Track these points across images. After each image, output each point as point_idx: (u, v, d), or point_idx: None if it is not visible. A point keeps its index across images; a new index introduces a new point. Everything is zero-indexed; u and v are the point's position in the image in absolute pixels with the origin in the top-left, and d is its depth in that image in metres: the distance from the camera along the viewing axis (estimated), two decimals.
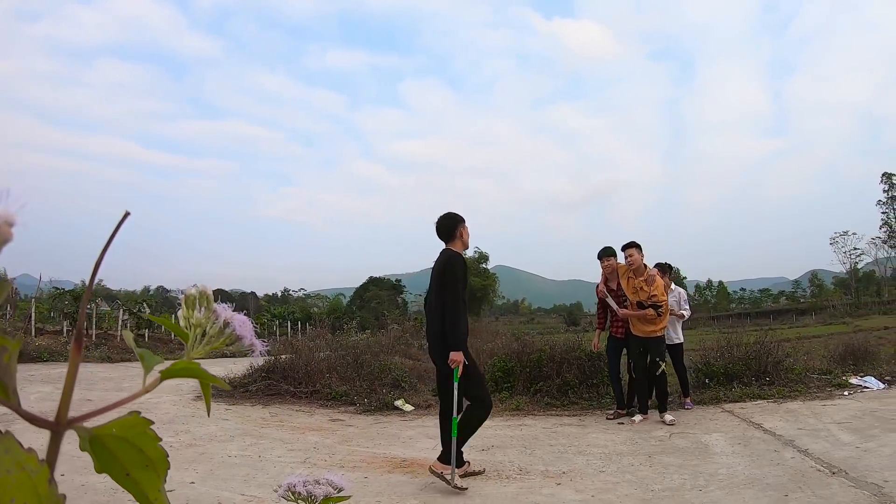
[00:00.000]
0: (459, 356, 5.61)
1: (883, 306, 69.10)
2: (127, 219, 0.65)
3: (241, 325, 0.76)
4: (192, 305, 0.76)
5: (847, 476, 5.35)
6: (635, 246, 8.48)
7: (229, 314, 0.76)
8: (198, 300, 0.76)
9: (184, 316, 0.76)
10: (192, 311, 0.75)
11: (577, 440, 7.37)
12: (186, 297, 0.76)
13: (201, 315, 0.75)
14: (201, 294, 0.76)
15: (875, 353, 12.61)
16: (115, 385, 11.69)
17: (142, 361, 0.68)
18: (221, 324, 0.75)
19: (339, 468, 6.09)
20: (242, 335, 0.76)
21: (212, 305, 0.76)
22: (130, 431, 0.60)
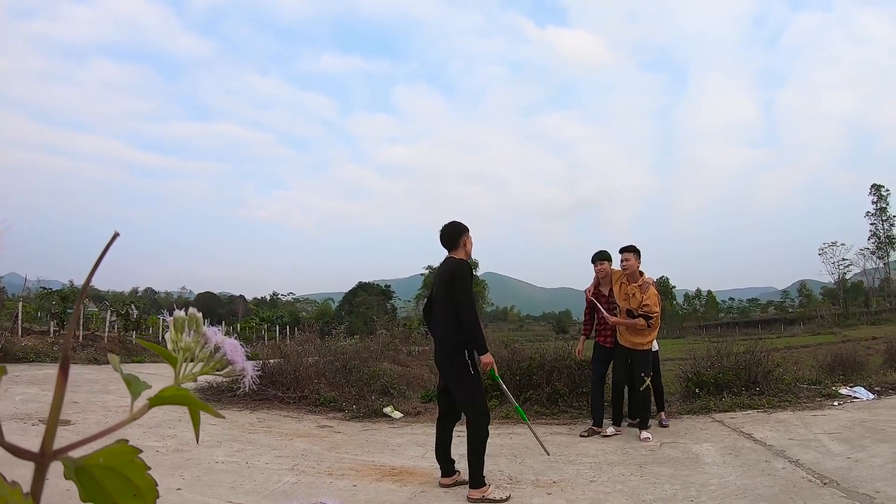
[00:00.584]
0: (489, 357, 5.78)
1: (871, 316, 69.61)
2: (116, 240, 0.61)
3: (232, 349, 0.73)
4: (181, 328, 0.72)
5: (838, 487, 5.34)
6: (633, 250, 8.32)
7: (220, 338, 0.73)
8: (187, 323, 0.72)
9: (172, 339, 0.72)
10: (181, 335, 0.72)
11: (568, 449, 7.33)
12: (175, 319, 0.73)
13: (190, 339, 0.71)
14: (190, 317, 0.73)
15: (864, 364, 12.62)
16: (102, 387, 11.57)
17: (128, 387, 0.65)
18: (212, 348, 0.72)
19: (327, 476, 6.04)
20: (234, 360, 0.72)
21: (201, 329, 0.72)
22: (118, 460, 0.56)
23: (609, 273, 8.53)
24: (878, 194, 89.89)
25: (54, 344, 19.91)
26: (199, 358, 0.71)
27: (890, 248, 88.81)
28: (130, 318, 29.06)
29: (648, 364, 8.18)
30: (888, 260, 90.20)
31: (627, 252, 8.31)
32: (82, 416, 8.48)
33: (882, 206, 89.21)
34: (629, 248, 8.34)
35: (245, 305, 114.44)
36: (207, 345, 0.71)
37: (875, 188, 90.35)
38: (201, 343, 0.71)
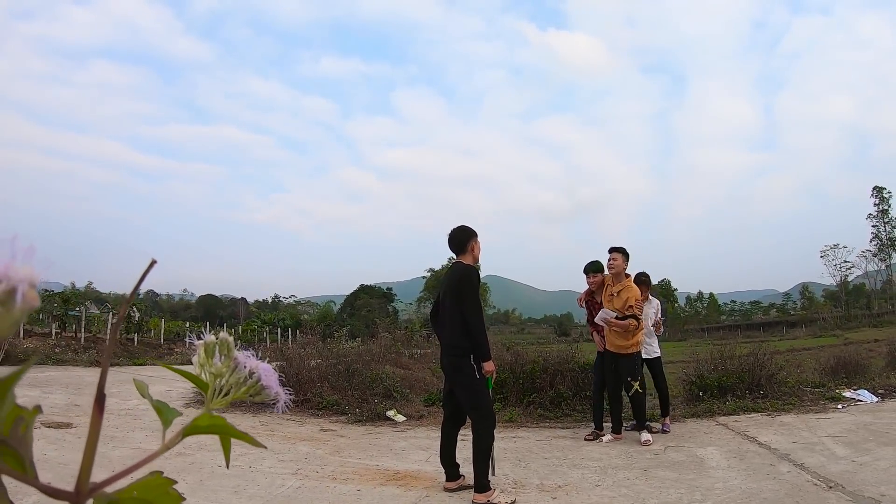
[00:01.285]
0: (491, 365, 5.77)
1: (873, 319, 69.42)
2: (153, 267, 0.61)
3: (266, 375, 0.71)
4: (211, 353, 0.70)
5: (844, 490, 5.32)
6: (621, 251, 8.25)
7: (253, 363, 0.71)
8: (218, 347, 0.71)
9: (200, 363, 0.71)
10: (211, 359, 0.70)
11: (572, 453, 7.31)
12: (205, 344, 0.71)
13: (220, 363, 0.70)
14: (221, 342, 0.71)
15: (866, 366, 12.60)
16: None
17: (159, 416, 0.63)
18: (246, 373, 0.70)
19: (330, 480, 6.02)
20: (269, 386, 0.71)
21: (232, 353, 0.71)
22: (152, 493, 0.56)
23: (602, 282, 8.48)
24: (879, 196, 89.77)
25: (56, 346, 19.92)
26: (230, 382, 0.69)
27: (892, 251, 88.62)
28: (132, 320, 29.06)
29: (635, 368, 8.04)
30: (890, 262, 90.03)
31: (615, 252, 8.25)
32: (84, 419, 8.45)
33: (884, 209, 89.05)
34: (617, 249, 8.26)
35: (246, 308, 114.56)
36: (239, 369, 0.69)
37: (877, 190, 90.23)
38: (232, 367, 0.69)
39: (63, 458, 6.15)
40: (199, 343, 0.72)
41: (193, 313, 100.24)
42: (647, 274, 9.11)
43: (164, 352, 27.62)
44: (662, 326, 9.18)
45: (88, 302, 34.31)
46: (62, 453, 6.33)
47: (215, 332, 0.72)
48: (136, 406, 9.67)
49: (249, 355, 0.71)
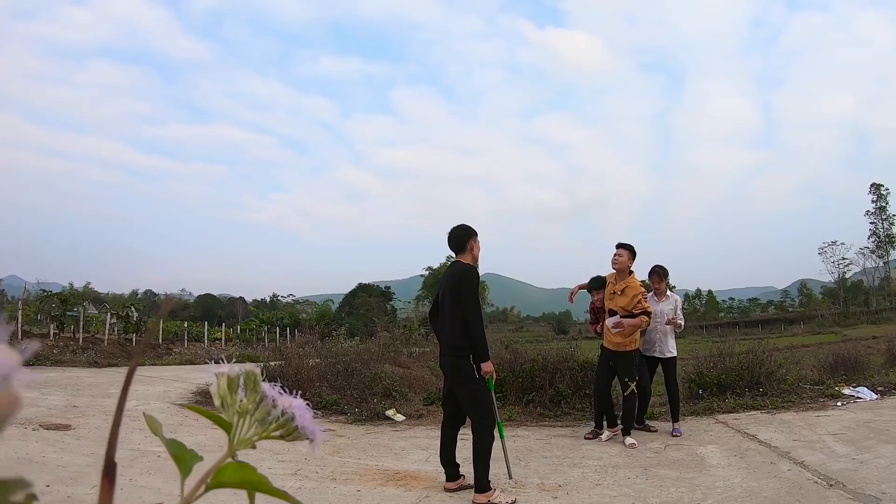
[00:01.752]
0: (490, 366, 5.75)
1: (871, 315, 69.61)
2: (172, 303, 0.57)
3: (301, 413, 0.66)
4: (235, 388, 0.66)
5: (845, 488, 5.32)
6: (626, 247, 8.05)
7: (286, 400, 0.66)
8: (242, 381, 0.66)
9: (219, 395, 0.66)
10: (235, 394, 0.65)
11: (572, 452, 7.30)
12: (229, 379, 0.67)
13: (245, 399, 0.65)
14: (248, 375, 0.67)
15: (865, 363, 12.63)
16: (102, 391, 11.54)
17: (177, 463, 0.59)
18: (279, 413, 0.66)
19: (330, 481, 6.01)
20: (304, 426, 0.67)
21: (259, 387, 0.66)
22: None
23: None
24: (877, 193, 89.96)
25: (54, 347, 19.89)
26: (255, 418, 0.65)
27: (890, 247, 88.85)
28: (130, 320, 28.99)
29: (632, 368, 7.89)
30: (888, 259, 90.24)
31: (621, 248, 8.05)
32: (83, 420, 8.45)
33: (882, 206, 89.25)
34: (624, 245, 8.08)
35: (245, 307, 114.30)
36: (265, 403, 0.65)
37: (875, 187, 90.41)
38: (257, 402, 0.65)
39: (62, 460, 6.13)
40: (219, 373, 0.67)
41: (192, 313, 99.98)
42: (663, 267, 8.81)
43: (163, 352, 27.61)
44: (682, 322, 8.67)
45: (87, 302, 34.23)
46: (61, 455, 6.31)
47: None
48: (135, 407, 9.65)
49: (278, 390, 0.66)
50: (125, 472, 5.39)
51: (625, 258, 7.93)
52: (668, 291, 8.78)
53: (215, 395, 0.65)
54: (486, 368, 5.71)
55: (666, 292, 8.72)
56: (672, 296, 8.77)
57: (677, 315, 8.55)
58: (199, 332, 40.06)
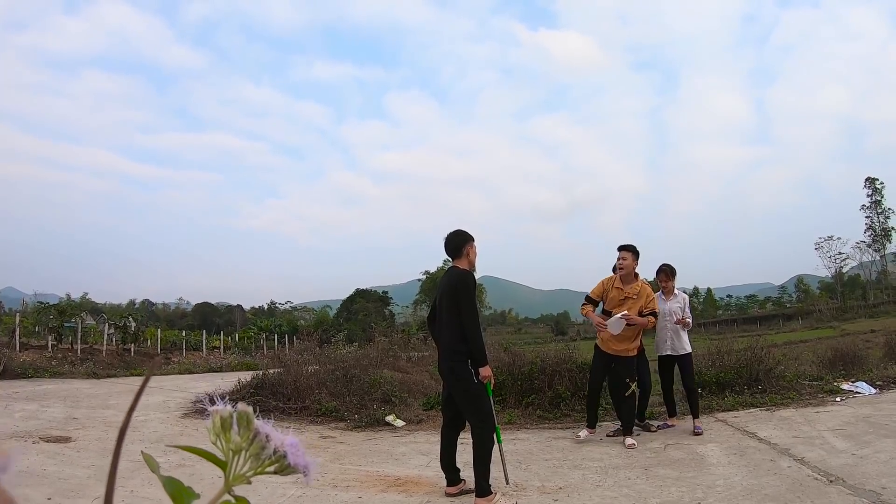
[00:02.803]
0: (488, 370, 5.76)
1: (869, 309, 69.63)
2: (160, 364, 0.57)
3: (293, 452, 0.67)
4: (228, 426, 0.67)
5: (845, 484, 5.33)
6: (630, 249, 7.90)
7: (278, 438, 0.67)
8: (235, 420, 0.67)
9: (214, 431, 0.67)
10: (228, 432, 0.66)
11: (572, 454, 7.30)
12: (221, 418, 0.68)
13: (239, 436, 0.66)
14: (240, 414, 0.68)
15: (864, 358, 12.61)
16: (101, 402, 11.52)
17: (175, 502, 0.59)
18: (271, 451, 0.67)
19: (332, 488, 6.00)
20: (296, 464, 0.67)
21: (252, 424, 0.67)
22: None
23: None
24: (872, 187, 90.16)
25: (52, 359, 19.84)
26: (250, 454, 0.66)
27: (886, 241, 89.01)
28: (128, 330, 28.93)
29: (633, 369, 7.90)
30: (885, 252, 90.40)
31: (625, 251, 7.89)
32: (83, 431, 8.43)
33: (877, 199, 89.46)
34: (627, 247, 7.93)
35: (243, 315, 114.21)
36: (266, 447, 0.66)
37: (870, 181, 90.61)
38: (250, 439, 0.66)
39: (62, 472, 6.11)
40: (213, 411, 0.68)
41: (190, 322, 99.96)
42: (671, 265, 8.75)
43: (161, 361, 27.54)
44: (690, 321, 8.56)
45: (84, 313, 34.10)
46: (61, 468, 6.29)
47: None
48: (134, 418, 9.56)
49: (271, 427, 0.67)
50: (126, 484, 5.38)
51: (630, 261, 7.83)
52: (676, 290, 8.72)
53: (210, 432, 0.66)
54: (485, 373, 5.72)
55: (674, 291, 8.66)
56: (680, 294, 8.73)
57: (686, 313, 8.51)
58: (197, 341, 39.98)
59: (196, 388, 13.75)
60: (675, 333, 8.41)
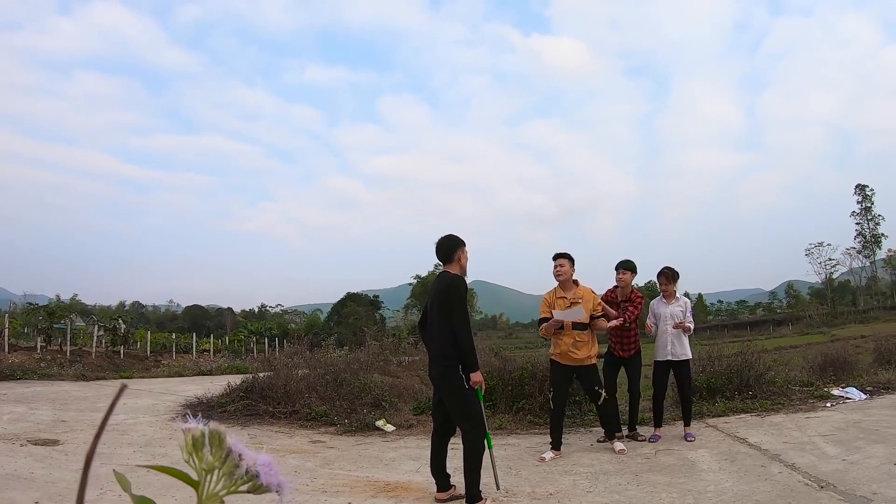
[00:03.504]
0: (479, 376, 5.74)
1: (859, 315, 69.94)
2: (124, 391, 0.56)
3: (266, 471, 0.65)
4: (200, 445, 0.65)
5: (836, 490, 5.34)
6: (566, 257, 7.79)
7: (251, 458, 0.65)
8: (207, 439, 0.65)
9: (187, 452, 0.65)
10: (201, 453, 0.64)
11: (563, 459, 7.29)
12: (193, 437, 0.65)
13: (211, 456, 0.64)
14: (212, 434, 0.65)
15: (854, 363, 12.67)
16: (90, 405, 11.45)
17: None
18: (243, 471, 0.65)
19: (321, 493, 5.96)
20: (269, 482, 0.65)
21: (224, 444, 0.65)
22: None
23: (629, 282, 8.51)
24: (862, 194, 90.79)
25: (41, 360, 19.74)
26: (223, 473, 0.64)
27: (876, 247, 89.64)
28: (118, 332, 28.83)
29: (598, 376, 7.76)
30: (874, 258, 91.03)
31: (562, 258, 7.79)
32: (71, 434, 8.38)
33: (867, 206, 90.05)
34: (563, 255, 7.83)
35: (233, 318, 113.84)
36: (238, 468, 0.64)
37: (860, 188, 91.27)
38: (223, 458, 0.64)
39: (51, 476, 6.06)
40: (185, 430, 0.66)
41: (180, 324, 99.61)
42: (672, 268, 8.66)
43: (151, 364, 27.41)
44: (691, 326, 8.53)
45: (74, 315, 33.98)
46: (50, 471, 6.24)
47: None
48: (123, 421, 9.58)
49: (243, 446, 0.65)
50: (115, 488, 5.30)
51: (567, 267, 7.73)
52: (678, 294, 8.63)
53: (183, 450, 0.64)
54: (476, 378, 5.70)
55: (675, 294, 8.57)
56: (682, 298, 8.64)
57: (687, 318, 8.43)
58: (187, 344, 39.85)
59: (186, 391, 13.69)
60: (675, 338, 8.33)
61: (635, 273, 8.58)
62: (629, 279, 8.53)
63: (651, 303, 8.82)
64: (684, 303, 8.59)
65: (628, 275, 8.53)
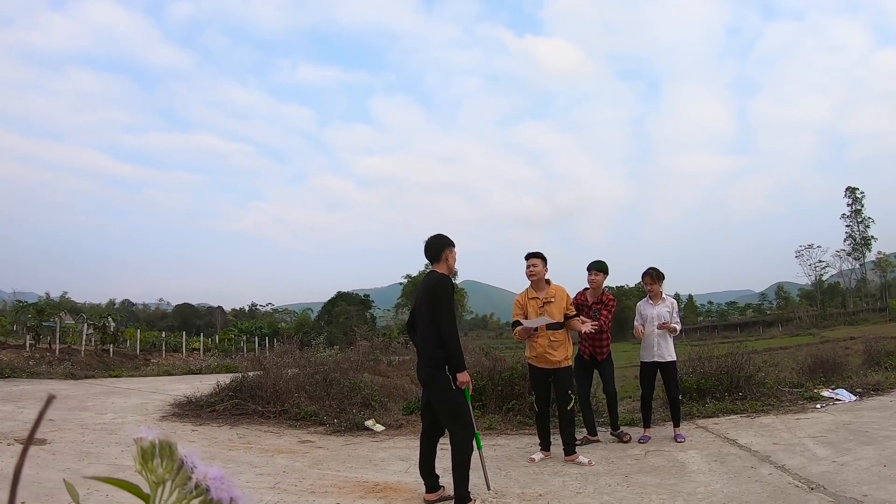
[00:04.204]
0: (466, 376, 5.70)
1: (848, 317, 70.39)
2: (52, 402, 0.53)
3: (217, 485, 0.62)
4: (151, 457, 0.62)
5: (826, 491, 5.34)
6: (539, 256, 7.66)
7: (202, 470, 0.62)
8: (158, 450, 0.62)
9: (139, 464, 0.62)
10: (151, 464, 0.61)
11: (552, 460, 7.28)
12: (142, 448, 0.62)
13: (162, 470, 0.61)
14: (162, 444, 0.62)
15: (844, 365, 12.67)
16: (78, 403, 11.38)
17: None
18: (192, 486, 0.61)
19: (309, 494, 5.93)
20: (220, 498, 0.62)
21: (175, 455, 0.62)
22: None
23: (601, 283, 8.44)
24: (852, 197, 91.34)
25: (30, 359, 19.66)
26: (175, 485, 0.61)
27: (866, 250, 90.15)
28: (108, 330, 28.73)
29: (572, 380, 7.64)
30: (864, 261, 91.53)
31: (534, 258, 7.65)
32: (59, 434, 8.32)
33: (857, 209, 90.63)
34: (536, 254, 7.69)
35: (223, 317, 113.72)
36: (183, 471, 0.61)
37: (850, 191, 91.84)
38: (175, 471, 0.61)
39: (37, 475, 6.00)
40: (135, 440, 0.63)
41: (170, 323, 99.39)
42: (657, 269, 8.61)
43: (140, 362, 27.32)
44: (678, 327, 8.40)
45: (63, 313, 33.91)
46: (37, 471, 6.18)
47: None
48: (111, 420, 9.53)
49: (195, 457, 0.62)
50: (102, 488, 5.28)
51: (539, 267, 7.61)
52: (664, 295, 8.58)
53: (136, 461, 0.61)
54: (462, 379, 5.68)
55: (661, 295, 8.53)
56: (669, 299, 8.59)
57: (673, 319, 8.38)
58: (177, 343, 39.77)
59: (175, 390, 13.61)
60: (661, 339, 8.29)
61: (607, 274, 8.54)
62: (601, 281, 8.49)
63: (637, 304, 8.79)
64: (671, 303, 8.56)
65: (600, 276, 8.50)
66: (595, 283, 8.46)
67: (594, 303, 8.44)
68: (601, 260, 8.62)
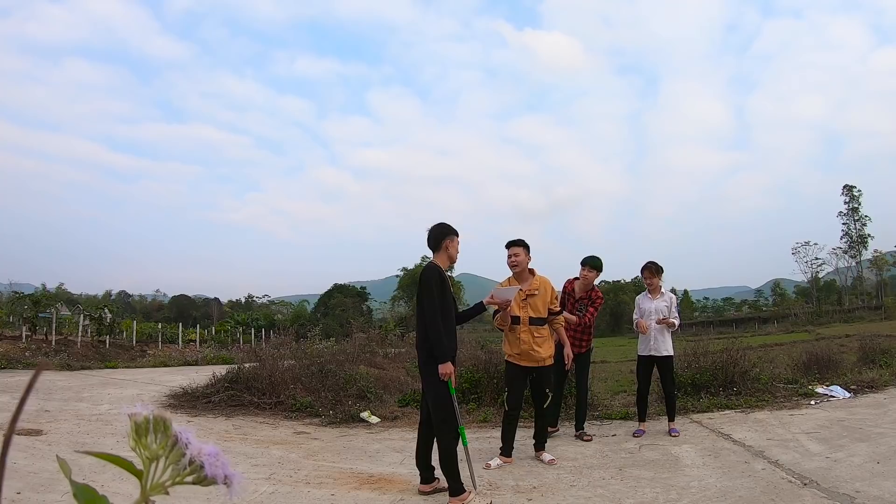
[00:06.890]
0: (447, 367, 5.60)
1: (844, 314, 70.26)
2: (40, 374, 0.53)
3: (211, 462, 0.62)
4: (145, 432, 0.62)
5: (819, 487, 5.35)
6: (520, 244, 7.18)
7: (196, 446, 0.63)
8: (152, 426, 0.63)
9: (132, 440, 0.62)
10: (145, 439, 0.62)
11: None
12: (135, 422, 0.63)
13: (156, 444, 0.62)
14: (156, 420, 0.63)
15: (838, 362, 12.68)
16: (75, 394, 11.40)
17: None
18: (186, 462, 0.62)
19: (304, 485, 5.95)
20: (214, 475, 0.63)
21: (170, 431, 0.62)
22: None
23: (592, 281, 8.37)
24: (850, 194, 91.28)
25: (26, 349, 19.65)
26: (169, 462, 0.61)
27: (862, 247, 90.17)
28: (104, 322, 28.69)
29: (552, 377, 7.35)
30: (860, 259, 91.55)
31: (515, 246, 7.16)
32: (54, 424, 8.33)
33: (854, 206, 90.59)
34: (517, 242, 7.21)
35: (220, 308, 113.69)
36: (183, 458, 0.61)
37: (847, 189, 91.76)
38: (169, 447, 0.61)
39: (33, 466, 6.01)
40: (129, 415, 0.63)
41: (166, 314, 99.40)
42: (656, 263, 8.57)
43: (137, 354, 27.30)
44: (676, 322, 8.37)
45: (59, 304, 33.83)
46: (32, 462, 6.19)
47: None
48: (107, 411, 9.54)
49: (189, 433, 0.62)
50: (97, 478, 5.27)
51: (522, 256, 7.11)
52: (663, 289, 8.57)
53: (129, 437, 0.61)
54: (443, 370, 5.59)
55: (660, 289, 8.53)
56: (667, 293, 8.59)
57: (672, 313, 8.34)
58: (173, 334, 39.67)
59: (171, 381, 13.63)
60: (659, 334, 8.29)
61: (600, 272, 8.46)
62: (592, 278, 8.40)
63: (636, 298, 8.80)
64: (669, 298, 8.55)
65: (593, 273, 8.40)
66: (587, 279, 8.40)
67: (581, 297, 8.43)
68: (596, 256, 8.53)
